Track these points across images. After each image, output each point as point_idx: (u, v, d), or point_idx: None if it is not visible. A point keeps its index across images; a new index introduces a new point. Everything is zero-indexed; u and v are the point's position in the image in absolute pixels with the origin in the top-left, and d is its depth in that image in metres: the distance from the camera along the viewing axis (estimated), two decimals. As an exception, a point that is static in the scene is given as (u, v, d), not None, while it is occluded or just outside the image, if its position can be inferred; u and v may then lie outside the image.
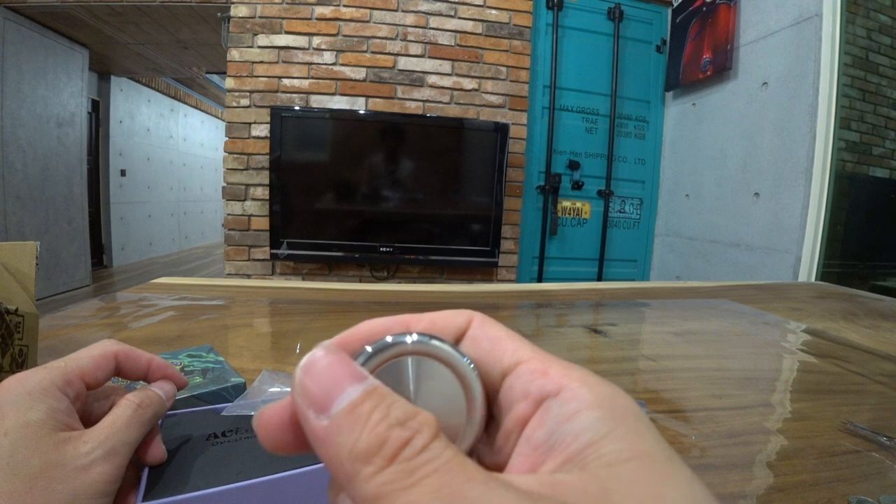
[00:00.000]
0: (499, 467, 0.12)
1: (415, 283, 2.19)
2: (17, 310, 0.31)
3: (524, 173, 2.31)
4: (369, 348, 0.11)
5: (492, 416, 0.13)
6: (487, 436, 0.13)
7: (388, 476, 0.09)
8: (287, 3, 2.05)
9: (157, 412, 0.23)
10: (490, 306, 0.77)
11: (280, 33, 2.06)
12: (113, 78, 4.21)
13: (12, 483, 0.17)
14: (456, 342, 0.13)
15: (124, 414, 0.21)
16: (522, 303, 0.83)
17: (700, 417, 0.40)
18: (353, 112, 2.08)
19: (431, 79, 2.16)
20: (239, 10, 2.04)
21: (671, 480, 0.09)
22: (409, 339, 0.11)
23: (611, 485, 0.09)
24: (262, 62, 2.06)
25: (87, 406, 0.22)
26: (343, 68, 2.10)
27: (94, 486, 0.18)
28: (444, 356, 0.11)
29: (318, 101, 2.10)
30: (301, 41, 2.07)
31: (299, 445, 0.11)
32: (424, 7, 2.13)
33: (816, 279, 1.70)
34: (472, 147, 2.12)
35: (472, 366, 0.12)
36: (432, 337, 0.12)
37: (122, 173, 4.45)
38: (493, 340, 0.13)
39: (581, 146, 2.41)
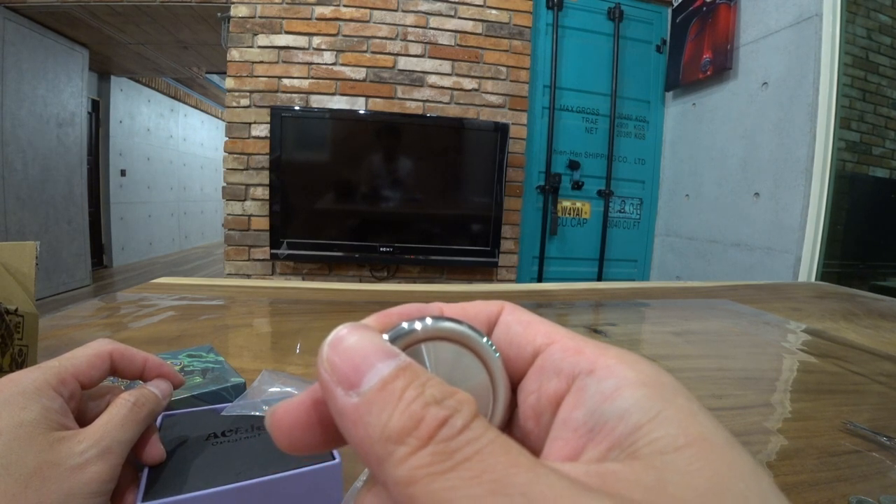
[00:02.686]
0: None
1: (415, 283, 2.19)
2: (17, 310, 0.31)
3: (524, 173, 2.31)
4: (387, 335, 0.11)
5: (517, 404, 0.12)
6: (513, 423, 0.12)
7: (423, 458, 0.08)
8: (287, 3, 2.05)
9: (153, 410, 0.22)
10: (490, 306, 0.77)
11: (280, 33, 2.06)
12: (113, 78, 4.21)
13: (6, 483, 0.17)
14: (488, 332, 0.13)
15: (119, 413, 0.21)
16: (522, 303, 0.83)
17: (700, 417, 0.39)
18: (353, 112, 2.08)
19: (431, 79, 2.16)
20: (239, 10, 2.04)
21: (735, 470, 0.08)
22: (425, 324, 0.11)
23: (668, 476, 0.08)
24: (262, 62, 2.06)
25: (83, 405, 0.22)
26: (343, 68, 2.10)
27: (88, 486, 0.18)
28: (464, 338, 0.11)
29: (318, 101, 2.10)
30: (301, 41, 2.07)
31: (316, 444, 0.11)
32: (424, 7, 2.13)
33: (816, 279, 1.70)
34: (472, 147, 2.12)
35: (493, 346, 0.11)
36: (449, 319, 0.11)
37: (122, 173, 4.45)
38: (525, 324, 0.12)
39: (581, 146, 2.41)
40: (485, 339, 0.11)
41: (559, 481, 0.08)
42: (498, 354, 0.11)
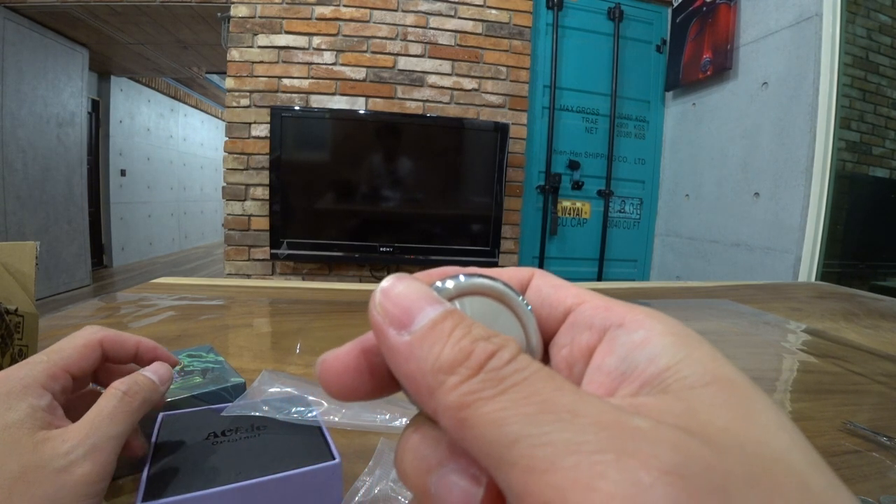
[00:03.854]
0: None
1: (415, 283, 2.19)
2: (17, 310, 0.31)
3: (524, 173, 2.31)
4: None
5: (548, 360, 0.13)
6: None
7: (474, 385, 0.09)
8: (287, 3, 2.05)
9: (149, 398, 0.21)
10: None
11: (280, 33, 2.06)
12: (113, 78, 4.21)
13: None
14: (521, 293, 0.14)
15: (108, 405, 0.19)
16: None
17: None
18: (353, 112, 2.08)
19: (431, 79, 2.16)
20: (239, 10, 2.04)
21: (756, 405, 0.09)
22: (465, 280, 0.12)
23: (696, 406, 0.09)
24: (262, 62, 2.06)
25: (77, 399, 0.21)
26: (343, 68, 2.10)
27: (76, 488, 0.17)
28: (501, 294, 0.12)
29: (318, 101, 2.10)
30: (301, 41, 2.07)
31: (362, 390, 0.11)
32: (424, 7, 2.13)
33: (816, 279, 1.70)
34: (472, 147, 2.12)
35: (527, 303, 0.12)
36: (487, 277, 0.12)
37: (122, 173, 4.45)
38: (555, 287, 0.13)
39: (581, 146, 2.41)
40: (519, 297, 0.12)
41: (601, 402, 0.08)
42: (531, 308, 0.12)
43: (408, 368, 0.10)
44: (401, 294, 0.10)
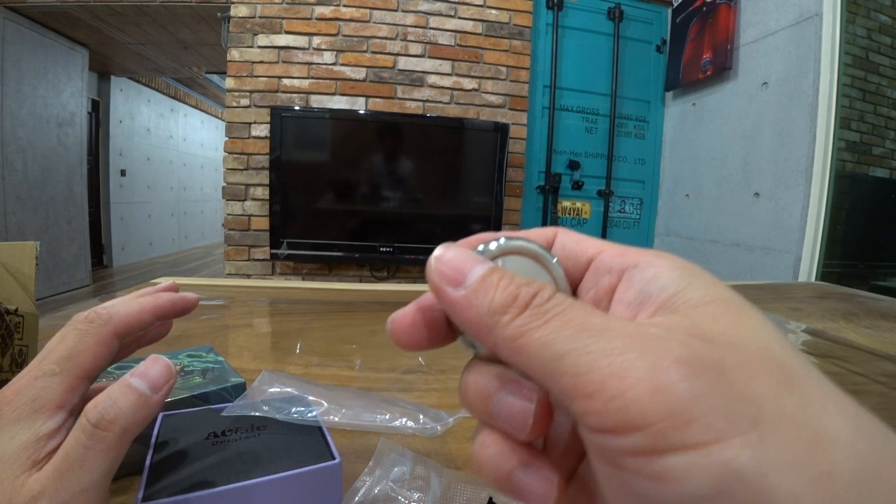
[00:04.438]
0: None
1: (415, 283, 2.19)
2: (17, 310, 0.31)
3: (524, 173, 2.31)
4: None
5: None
6: None
7: (524, 319, 0.11)
8: (287, 3, 2.05)
9: (133, 423, 0.17)
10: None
11: (280, 33, 2.06)
12: (113, 78, 4.21)
13: None
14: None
15: (77, 446, 0.16)
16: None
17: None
18: (353, 112, 2.08)
19: (431, 79, 2.16)
20: (239, 10, 2.04)
21: (747, 315, 0.11)
22: (501, 242, 0.14)
23: (699, 320, 0.11)
24: (262, 62, 2.06)
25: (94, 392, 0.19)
26: (343, 68, 2.10)
27: None
28: (532, 252, 0.14)
29: (318, 101, 2.10)
30: (301, 41, 2.07)
31: (424, 341, 0.14)
32: (424, 7, 2.13)
33: (816, 279, 1.70)
34: (472, 147, 2.12)
35: (555, 257, 0.14)
36: (518, 238, 0.14)
37: (122, 173, 4.45)
38: (577, 241, 0.15)
39: (581, 146, 2.41)
40: (547, 252, 0.14)
41: (625, 321, 0.11)
42: (557, 261, 0.14)
43: (468, 315, 0.12)
44: (452, 258, 0.13)
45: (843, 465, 0.08)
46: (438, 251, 0.13)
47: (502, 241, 0.14)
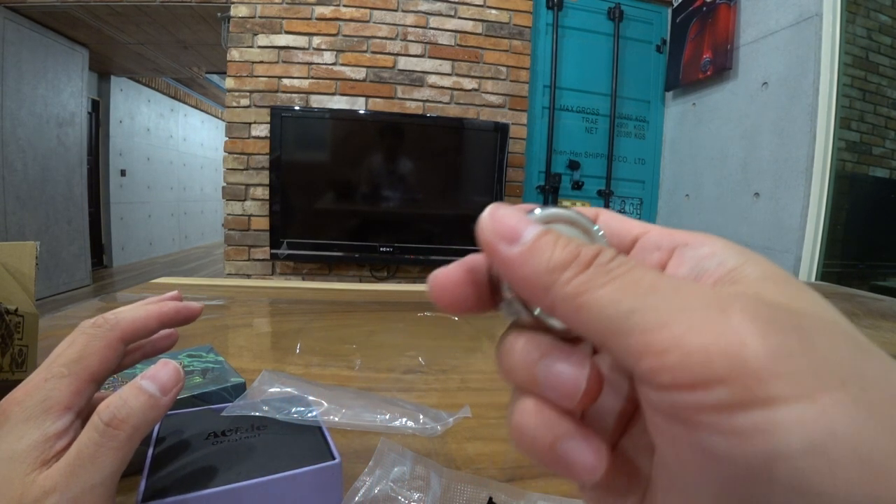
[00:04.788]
0: None
1: (415, 283, 2.19)
2: (17, 310, 0.31)
3: (524, 173, 2.31)
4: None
5: None
6: None
7: (586, 276, 0.10)
8: (287, 3, 2.05)
9: (143, 422, 0.17)
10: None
11: (280, 33, 2.06)
12: (113, 78, 4.21)
13: None
14: None
15: (89, 444, 0.16)
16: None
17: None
18: (353, 112, 2.08)
19: (431, 79, 2.16)
20: (239, 10, 2.04)
21: (807, 293, 0.11)
22: (550, 210, 0.13)
23: (762, 291, 0.11)
24: (262, 62, 2.06)
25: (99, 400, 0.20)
26: (343, 68, 2.10)
27: None
28: (579, 222, 0.13)
29: (318, 101, 2.10)
30: (301, 41, 2.07)
31: (468, 302, 0.13)
32: (424, 7, 2.13)
33: (816, 279, 1.70)
34: (472, 147, 2.12)
35: (601, 231, 0.14)
36: (565, 208, 0.14)
37: (122, 173, 4.45)
38: (621, 220, 0.15)
39: (581, 146, 2.41)
40: (595, 226, 0.14)
41: (695, 284, 0.10)
42: (602, 232, 0.14)
43: (523, 272, 0.11)
44: (505, 215, 0.12)
45: None
46: (490, 209, 0.12)
47: (551, 209, 0.13)
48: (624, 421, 0.14)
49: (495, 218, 0.12)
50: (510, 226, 0.12)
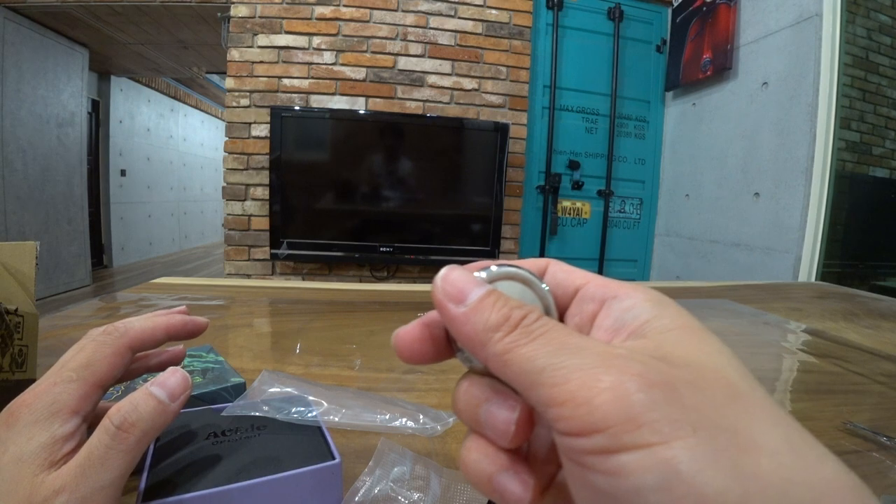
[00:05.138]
0: None
1: (415, 283, 2.19)
2: (17, 310, 0.31)
3: (524, 173, 2.31)
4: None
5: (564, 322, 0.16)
6: None
7: (514, 337, 0.12)
8: (287, 3, 2.05)
9: (152, 427, 0.18)
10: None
11: (280, 33, 2.06)
12: (113, 78, 4.21)
13: None
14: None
15: (100, 446, 0.17)
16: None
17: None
18: (353, 112, 2.08)
19: (431, 79, 2.16)
20: (239, 10, 2.04)
21: (706, 341, 0.13)
22: (498, 269, 0.15)
23: (662, 343, 0.12)
24: (262, 62, 2.06)
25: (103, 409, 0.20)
26: (343, 68, 2.10)
27: None
28: (525, 279, 0.15)
29: (318, 101, 2.10)
30: (301, 41, 2.07)
31: (427, 355, 0.15)
32: (424, 7, 2.13)
33: (816, 279, 1.70)
34: (472, 147, 2.12)
35: (545, 285, 0.15)
36: (514, 266, 0.15)
37: (122, 173, 4.45)
38: (567, 272, 0.16)
39: (581, 146, 2.41)
40: (539, 280, 0.15)
41: (597, 342, 0.12)
42: (548, 289, 0.15)
43: (466, 330, 0.13)
44: (456, 279, 0.14)
45: (766, 468, 0.09)
46: (444, 272, 0.14)
47: (500, 267, 0.15)
48: (558, 457, 0.15)
49: (446, 280, 0.14)
50: (458, 288, 0.14)
